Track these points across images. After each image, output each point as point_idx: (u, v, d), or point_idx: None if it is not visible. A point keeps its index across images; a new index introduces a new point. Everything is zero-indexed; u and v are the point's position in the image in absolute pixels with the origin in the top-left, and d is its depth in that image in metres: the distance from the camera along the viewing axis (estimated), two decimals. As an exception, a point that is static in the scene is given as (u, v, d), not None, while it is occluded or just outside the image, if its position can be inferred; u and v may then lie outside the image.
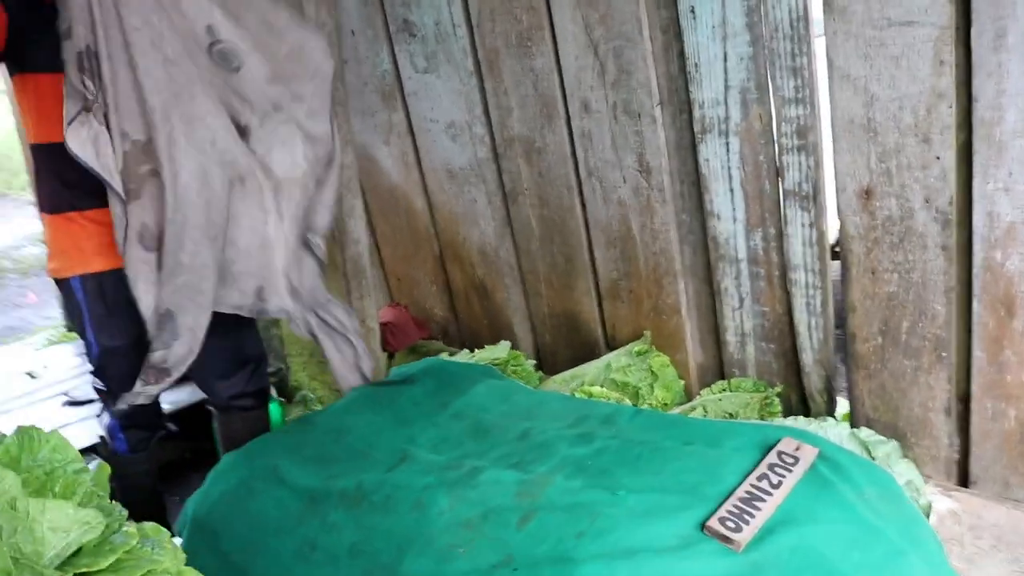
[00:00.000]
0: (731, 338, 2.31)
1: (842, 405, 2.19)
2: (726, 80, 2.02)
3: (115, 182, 1.82)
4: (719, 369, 2.40)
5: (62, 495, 1.14)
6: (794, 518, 1.59)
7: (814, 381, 2.15)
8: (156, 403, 2.17)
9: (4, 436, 1.15)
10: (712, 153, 2.12)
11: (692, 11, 2.01)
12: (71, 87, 1.78)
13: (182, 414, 2.88)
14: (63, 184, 1.96)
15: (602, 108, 2.30)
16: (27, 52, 1.87)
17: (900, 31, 1.71)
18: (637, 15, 2.10)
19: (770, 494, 1.63)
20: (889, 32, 1.73)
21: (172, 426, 2.35)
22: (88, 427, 2.70)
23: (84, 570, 1.01)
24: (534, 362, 2.73)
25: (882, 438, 1.95)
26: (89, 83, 1.78)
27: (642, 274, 2.43)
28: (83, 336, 2.12)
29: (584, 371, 2.39)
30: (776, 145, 2.00)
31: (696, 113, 2.11)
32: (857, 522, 1.58)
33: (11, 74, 1.94)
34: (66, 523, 1.04)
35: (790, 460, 1.72)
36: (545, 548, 1.56)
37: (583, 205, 2.51)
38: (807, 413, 2.20)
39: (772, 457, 1.73)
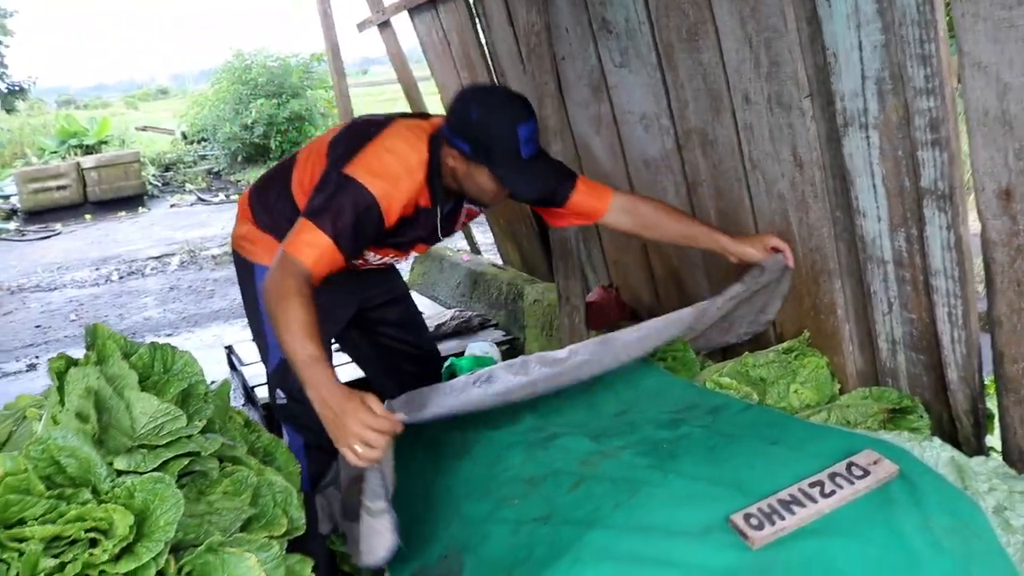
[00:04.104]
0: (883, 344, 2.15)
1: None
2: (862, 70, 1.89)
3: None
4: (875, 376, 2.24)
5: (174, 394, 1.57)
6: (831, 530, 1.55)
7: (959, 400, 1.94)
8: None
9: (141, 347, 1.62)
10: (855, 147, 2.00)
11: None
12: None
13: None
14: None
15: (760, 100, 2.26)
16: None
17: (1030, 10, 1.51)
18: (781, 7, 2.05)
19: (815, 501, 1.59)
20: (1020, 11, 1.53)
21: None
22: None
23: (149, 442, 1.42)
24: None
25: (1013, 473, 1.72)
26: None
27: (801, 271, 2.34)
28: (261, 336, 2.16)
29: (726, 363, 2.38)
30: (911, 140, 1.84)
31: (838, 105, 2.00)
32: (899, 548, 1.49)
33: None
34: (152, 410, 1.46)
35: (859, 473, 1.65)
36: (582, 513, 1.69)
37: (751, 198, 2.48)
38: (955, 435, 1.99)
39: (839, 467, 1.67)
